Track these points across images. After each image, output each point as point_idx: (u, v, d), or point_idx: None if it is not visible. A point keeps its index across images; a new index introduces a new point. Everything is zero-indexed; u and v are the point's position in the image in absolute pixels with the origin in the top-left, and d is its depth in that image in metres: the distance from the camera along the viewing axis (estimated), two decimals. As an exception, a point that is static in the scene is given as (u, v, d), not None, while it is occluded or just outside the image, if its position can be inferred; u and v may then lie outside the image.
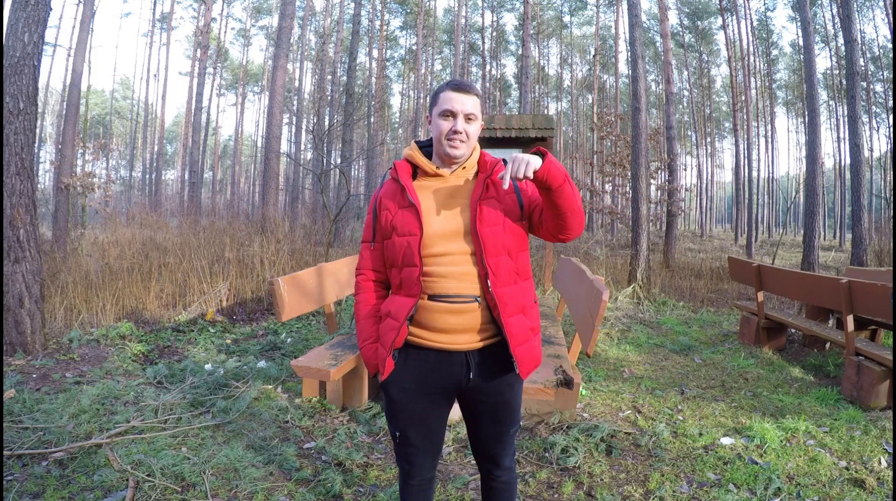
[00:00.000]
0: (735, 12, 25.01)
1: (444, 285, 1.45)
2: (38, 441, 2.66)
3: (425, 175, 1.56)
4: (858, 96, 9.56)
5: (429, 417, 1.56)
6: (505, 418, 1.58)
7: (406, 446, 1.58)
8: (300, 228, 9.63)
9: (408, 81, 38.50)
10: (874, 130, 29.39)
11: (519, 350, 1.47)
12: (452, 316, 1.46)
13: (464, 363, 1.49)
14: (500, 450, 1.62)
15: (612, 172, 13.79)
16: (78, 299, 5.60)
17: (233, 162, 43.04)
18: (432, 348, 1.49)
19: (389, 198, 1.54)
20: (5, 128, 4.03)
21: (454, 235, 1.47)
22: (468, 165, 1.56)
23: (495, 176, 1.50)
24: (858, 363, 3.67)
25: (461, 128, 1.47)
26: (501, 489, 1.67)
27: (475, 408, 1.58)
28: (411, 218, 1.47)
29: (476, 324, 1.47)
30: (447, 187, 1.53)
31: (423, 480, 1.62)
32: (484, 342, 1.49)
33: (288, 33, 12.17)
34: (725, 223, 55.32)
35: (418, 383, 1.51)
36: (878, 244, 10.22)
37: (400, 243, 1.48)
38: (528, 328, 1.51)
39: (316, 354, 3.36)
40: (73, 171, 11.26)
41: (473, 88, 1.52)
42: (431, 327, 1.47)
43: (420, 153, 1.57)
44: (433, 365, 1.50)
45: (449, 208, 1.50)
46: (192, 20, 31.92)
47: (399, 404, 1.54)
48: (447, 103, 1.48)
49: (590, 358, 4.60)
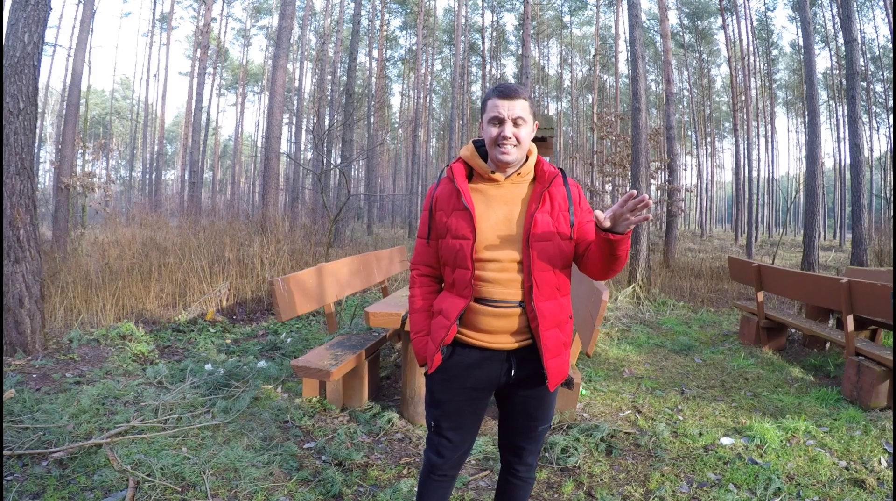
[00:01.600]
0: (735, 12, 24.99)
1: (490, 289, 1.49)
2: (38, 441, 2.66)
3: (481, 179, 1.56)
4: (858, 96, 9.56)
5: (464, 411, 1.59)
6: (537, 414, 1.62)
7: (438, 436, 1.62)
8: (300, 228, 9.61)
9: (408, 81, 38.51)
10: (874, 130, 29.38)
11: (551, 363, 1.51)
12: (496, 319, 1.50)
13: (505, 361, 1.54)
14: (527, 445, 1.65)
15: (612, 172, 13.77)
16: (78, 299, 5.60)
17: (233, 162, 43.02)
18: (476, 345, 1.53)
19: (445, 199, 1.55)
20: (5, 128, 4.03)
21: (505, 242, 1.49)
22: (523, 171, 1.56)
23: (552, 188, 1.52)
24: (858, 363, 3.67)
25: (510, 133, 1.47)
26: (518, 485, 1.70)
27: (512, 403, 1.63)
28: (465, 222, 1.49)
29: (514, 327, 1.51)
30: (501, 193, 1.54)
31: (446, 477, 1.65)
32: (520, 343, 1.53)
33: (288, 33, 12.17)
34: (725, 223, 55.34)
35: (460, 377, 1.56)
36: (879, 244, 10.21)
37: (453, 246, 1.51)
38: (562, 342, 1.55)
39: (316, 354, 3.36)
40: (73, 171, 11.25)
41: (520, 90, 1.50)
42: (476, 327, 1.52)
43: (477, 155, 1.57)
44: (476, 361, 1.55)
45: (502, 215, 1.51)
46: (192, 20, 31.93)
47: (439, 394, 1.59)
48: (494, 110, 1.48)
49: (590, 358, 4.60)
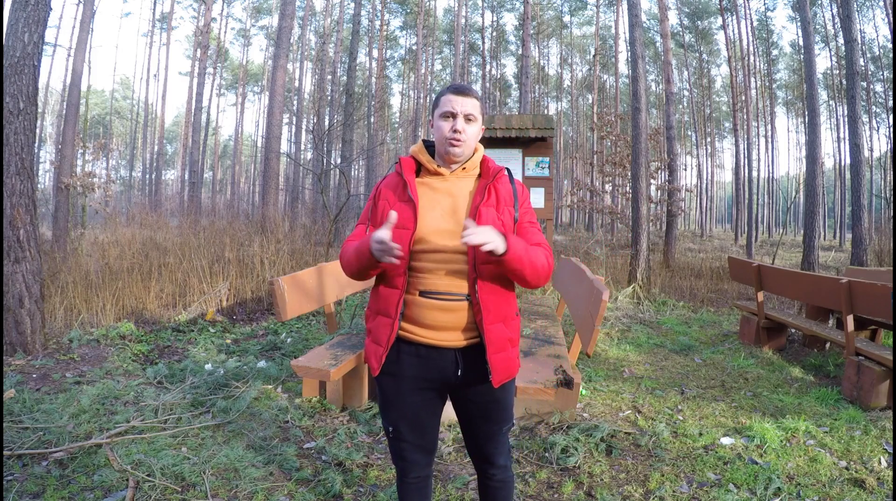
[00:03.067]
0: (735, 12, 25.01)
1: (435, 281, 1.48)
2: (38, 441, 2.66)
3: (427, 173, 1.59)
4: (858, 96, 9.56)
5: (420, 412, 1.57)
6: (497, 416, 1.60)
7: (399, 441, 1.60)
8: (300, 228, 9.62)
9: (408, 81, 38.52)
10: (874, 130, 29.40)
11: (495, 358, 1.49)
12: (441, 313, 1.48)
13: (453, 361, 1.52)
14: (494, 449, 1.63)
15: (612, 172, 13.76)
16: (78, 299, 5.60)
17: (233, 162, 43.02)
18: (423, 343, 1.51)
19: (391, 189, 1.57)
20: (5, 128, 4.02)
21: (449, 233, 1.49)
22: (468, 166, 1.59)
23: (497, 183, 1.56)
24: (858, 363, 3.67)
25: (461, 127, 1.51)
26: (497, 487, 1.68)
27: (467, 407, 1.60)
28: (407, 212, 1.49)
29: (463, 323, 1.49)
30: (447, 186, 1.56)
31: (419, 478, 1.64)
32: (469, 341, 1.51)
33: (288, 33, 12.18)
34: (725, 223, 55.33)
35: (410, 376, 1.54)
36: (879, 244, 10.21)
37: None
38: (507, 338, 1.53)
39: (316, 354, 3.36)
40: (73, 171, 11.24)
41: (473, 90, 1.56)
42: (420, 322, 1.50)
43: (425, 152, 1.61)
44: (423, 360, 1.52)
45: (446, 207, 1.53)
46: (192, 20, 31.95)
47: (391, 397, 1.57)
48: (448, 104, 1.53)
49: (590, 358, 4.60)
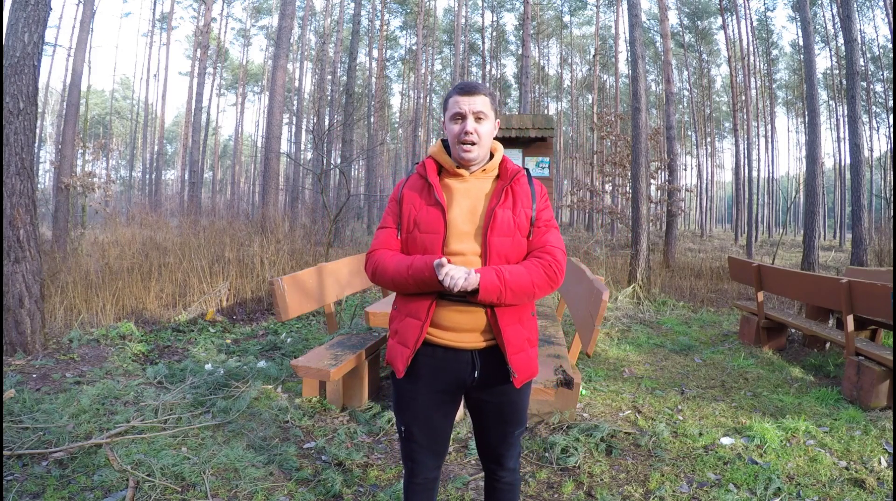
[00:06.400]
0: (735, 12, 24.99)
1: None
2: (38, 441, 2.66)
3: (448, 174, 1.58)
4: (858, 96, 9.56)
5: (434, 415, 1.57)
6: (511, 418, 1.59)
7: (410, 442, 1.59)
8: (300, 228, 9.61)
9: (408, 81, 38.51)
10: (874, 130, 29.39)
11: (515, 358, 1.49)
12: (459, 315, 1.48)
13: (469, 362, 1.51)
14: (505, 451, 1.63)
15: (612, 172, 13.79)
16: (78, 299, 5.60)
17: (233, 162, 43.02)
18: (440, 345, 1.50)
19: (416, 192, 1.55)
20: (5, 128, 4.02)
21: (467, 236, 1.48)
22: (489, 168, 1.57)
23: (515, 185, 1.54)
24: (858, 363, 3.67)
25: (471, 127, 1.48)
26: (505, 490, 1.67)
27: (482, 408, 1.59)
28: (436, 216, 1.48)
29: (481, 325, 1.48)
30: (466, 188, 1.54)
31: (427, 479, 1.63)
32: (487, 343, 1.51)
33: (288, 33, 12.17)
34: (725, 223, 55.32)
35: (426, 378, 1.53)
36: (879, 244, 10.20)
37: (422, 240, 1.49)
38: (525, 338, 1.52)
39: (316, 354, 3.36)
40: (73, 171, 11.26)
41: (481, 87, 1.52)
42: (440, 324, 1.49)
43: (444, 152, 1.59)
44: (441, 362, 1.51)
45: (466, 209, 1.51)
46: (192, 20, 31.93)
47: (406, 398, 1.56)
48: (455, 106, 1.50)
49: (590, 358, 4.59)
